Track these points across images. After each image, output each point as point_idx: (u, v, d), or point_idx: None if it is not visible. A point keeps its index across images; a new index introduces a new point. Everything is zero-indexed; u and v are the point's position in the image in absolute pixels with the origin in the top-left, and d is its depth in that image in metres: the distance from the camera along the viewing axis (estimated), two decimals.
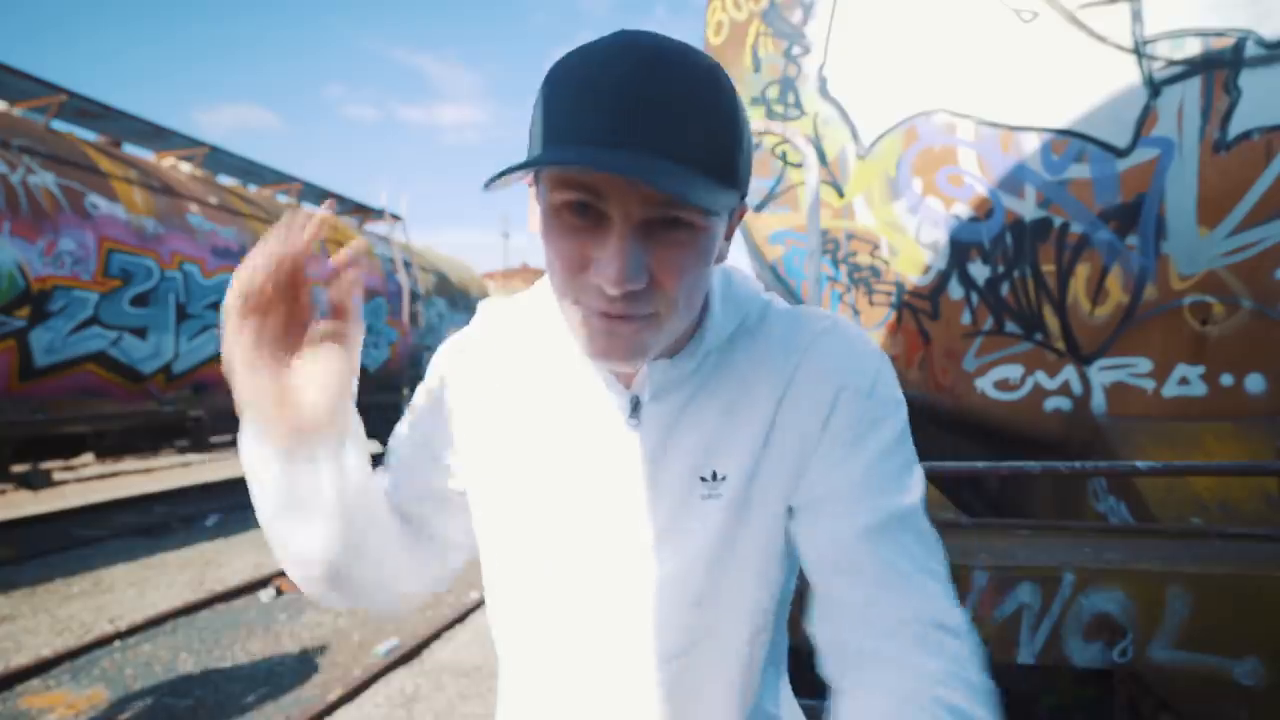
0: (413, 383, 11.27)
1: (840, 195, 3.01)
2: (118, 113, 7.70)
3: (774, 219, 3.09)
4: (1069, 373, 2.78)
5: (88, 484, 10.30)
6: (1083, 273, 2.75)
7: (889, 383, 0.71)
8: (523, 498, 0.74)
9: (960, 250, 2.87)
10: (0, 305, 5.66)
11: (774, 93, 3.05)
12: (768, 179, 3.07)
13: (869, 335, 0.74)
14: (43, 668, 4.08)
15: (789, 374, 0.70)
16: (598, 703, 0.74)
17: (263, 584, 5.63)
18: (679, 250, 0.59)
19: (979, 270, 2.85)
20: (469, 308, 13.38)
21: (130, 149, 8.23)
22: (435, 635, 4.70)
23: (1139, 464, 1.74)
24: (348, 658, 4.36)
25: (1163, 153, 2.64)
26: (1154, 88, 2.65)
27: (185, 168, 8.79)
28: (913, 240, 2.92)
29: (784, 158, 3.06)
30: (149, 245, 6.97)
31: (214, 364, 7.84)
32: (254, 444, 0.67)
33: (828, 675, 0.68)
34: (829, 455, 0.69)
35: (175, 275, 7.20)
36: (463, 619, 5.03)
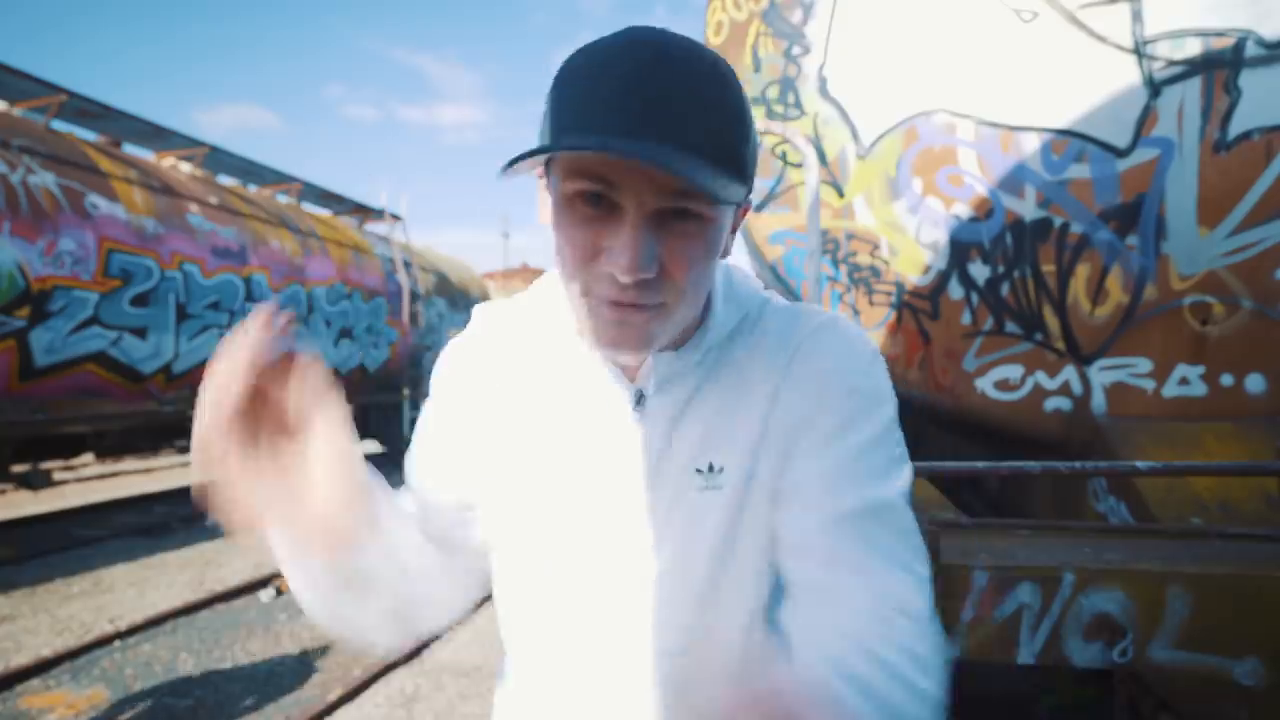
0: (413, 382, 11.28)
1: (840, 195, 3.01)
2: (118, 113, 7.70)
3: (774, 219, 3.09)
4: (1069, 373, 2.78)
5: (88, 484, 10.30)
6: (1083, 273, 2.75)
7: (878, 379, 0.71)
8: (528, 492, 0.74)
9: (960, 250, 2.87)
10: (0, 305, 5.66)
11: (774, 93, 3.05)
12: (768, 179, 3.07)
13: (865, 333, 0.75)
14: (43, 668, 4.08)
15: (784, 368, 0.71)
16: (599, 695, 0.74)
17: (263, 584, 5.63)
18: (689, 241, 0.61)
19: (979, 270, 2.85)
20: (469, 308, 13.36)
21: (130, 149, 8.23)
22: (435, 635, 4.70)
23: (1139, 464, 1.74)
24: (348, 658, 4.36)
25: (1163, 153, 2.64)
26: (1154, 88, 2.65)
27: (185, 168, 8.79)
28: (913, 240, 2.92)
29: (784, 158, 3.06)
30: (149, 245, 6.97)
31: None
32: (287, 553, 0.65)
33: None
34: (811, 446, 0.69)
35: (175, 275, 7.19)
36: (463, 619, 5.02)
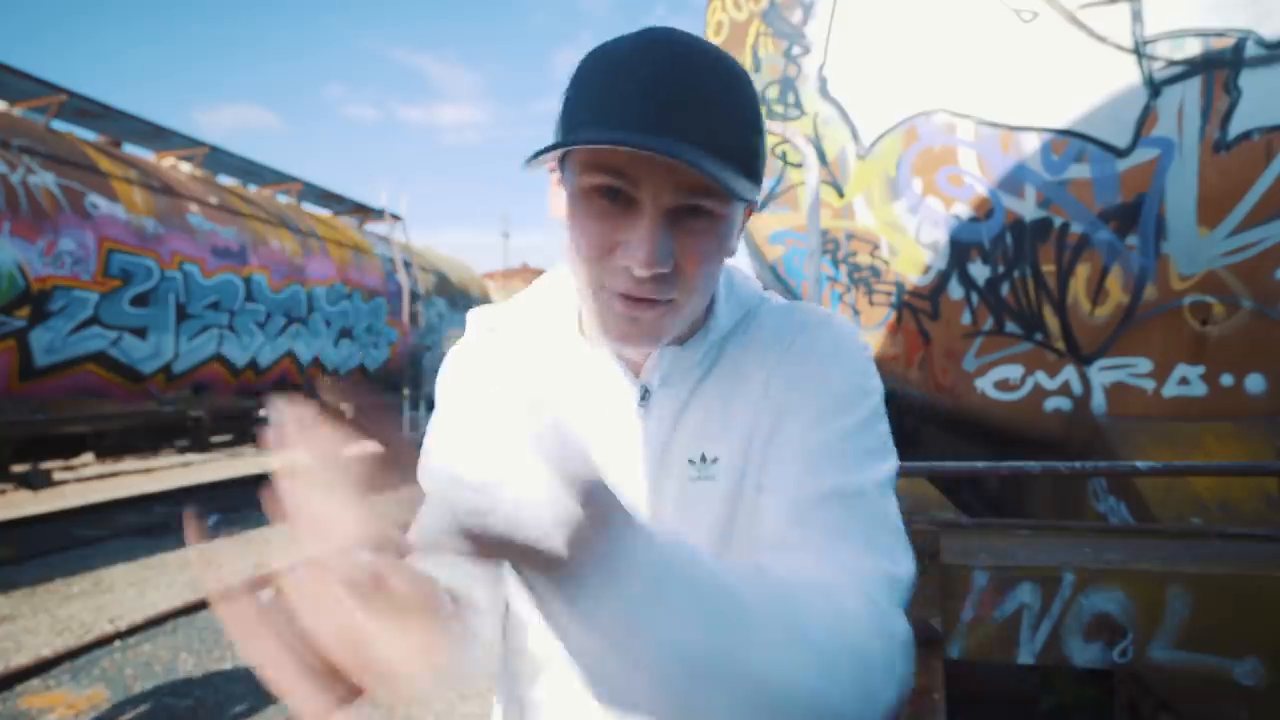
0: (413, 382, 11.28)
1: (840, 195, 3.01)
2: (118, 113, 7.70)
3: (774, 219, 3.09)
4: (1069, 373, 2.78)
5: (88, 484, 10.29)
6: (1083, 273, 2.75)
7: (864, 371, 0.71)
8: None
9: (960, 250, 2.87)
10: (0, 305, 5.66)
11: (774, 93, 3.05)
12: (768, 179, 3.07)
13: (857, 330, 0.76)
14: (43, 668, 4.08)
15: (775, 361, 0.72)
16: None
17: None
18: (702, 238, 0.62)
19: (979, 270, 2.85)
20: (469, 308, 13.37)
21: (130, 149, 8.23)
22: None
23: (1139, 464, 1.74)
24: None
25: (1163, 153, 2.64)
26: (1154, 88, 2.65)
27: (185, 168, 8.79)
28: (913, 240, 2.92)
29: (784, 158, 3.06)
30: (149, 245, 6.97)
31: (213, 364, 7.86)
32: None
33: None
34: (791, 433, 0.69)
35: (175, 275, 7.19)
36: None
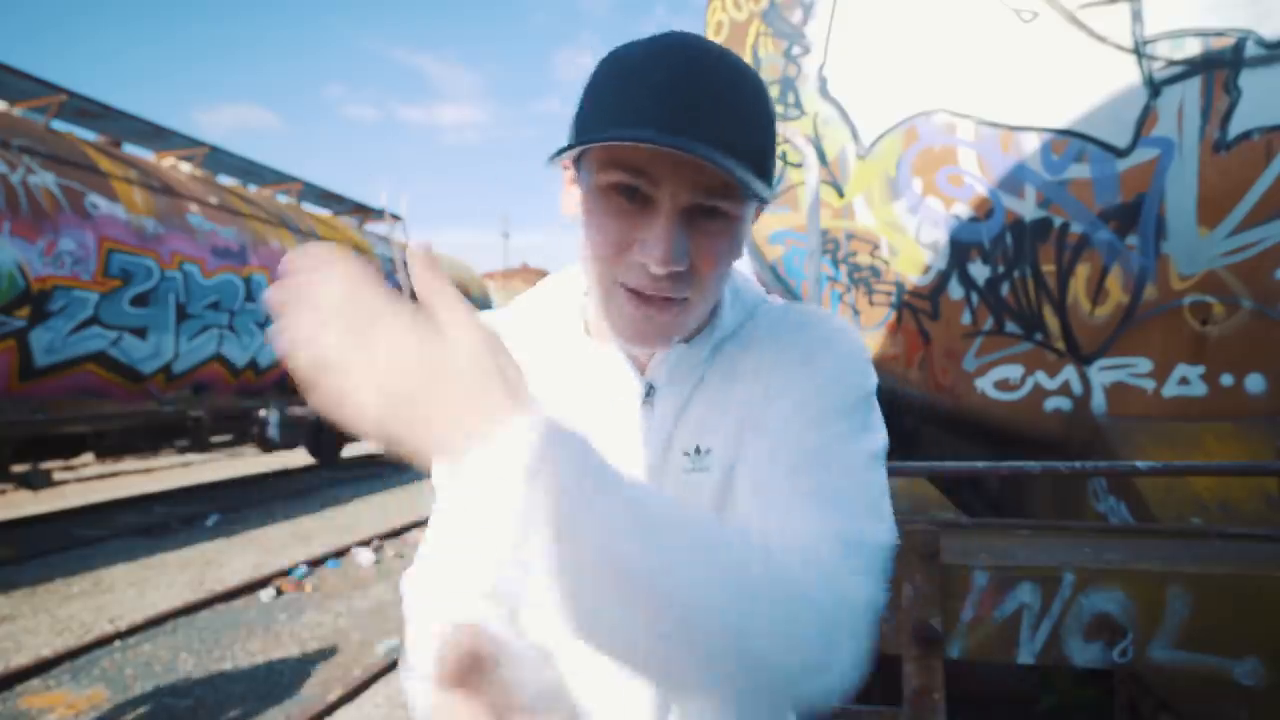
0: None
1: (840, 195, 3.01)
2: (118, 113, 7.71)
3: (774, 219, 3.09)
4: (1069, 373, 2.78)
5: (88, 484, 10.30)
6: (1083, 273, 2.75)
7: (852, 363, 0.71)
8: None
9: (960, 250, 2.87)
10: (0, 305, 5.66)
11: (774, 93, 3.05)
12: None
13: (853, 328, 0.76)
14: (43, 668, 4.08)
15: (769, 355, 0.73)
16: (599, 682, 0.75)
17: (263, 584, 5.63)
18: (716, 238, 0.64)
19: (979, 270, 2.85)
20: None
21: (130, 149, 8.23)
22: None
23: (1139, 464, 1.74)
24: (348, 658, 4.36)
25: (1163, 153, 2.64)
26: (1154, 88, 2.65)
27: (185, 168, 8.79)
28: (913, 240, 2.92)
29: (784, 158, 3.06)
30: (149, 245, 6.97)
31: (213, 364, 7.85)
32: None
33: None
34: (772, 414, 0.69)
35: (175, 275, 7.20)
36: None
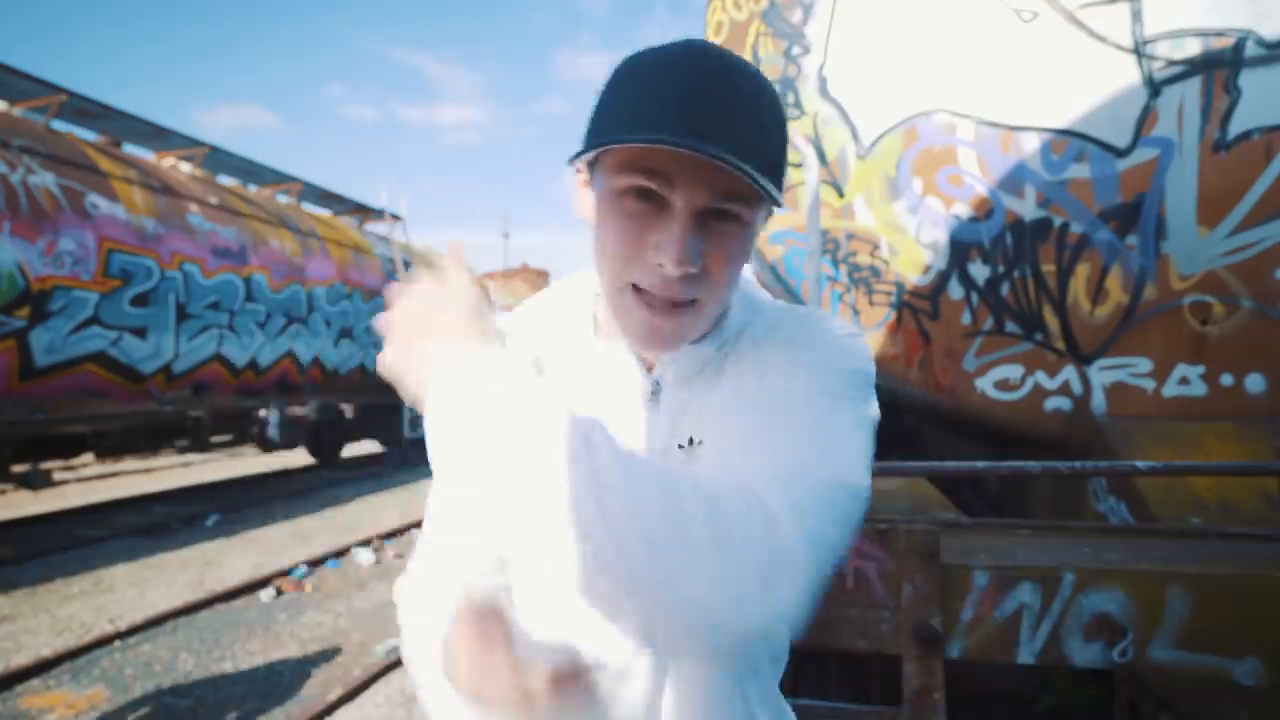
0: None
1: (840, 195, 3.01)
2: (118, 113, 7.70)
3: (774, 219, 3.09)
4: (1069, 373, 2.78)
5: (88, 484, 10.30)
6: (1083, 273, 2.75)
7: (848, 355, 0.71)
8: None
9: (960, 250, 2.86)
10: (0, 305, 5.66)
11: None
12: None
13: (854, 329, 0.76)
14: (43, 668, 4.08)
15: (768, 351, 0.73)
16: (600, 689, 0.75)
17: (263, 584, 5.63)
18: (729, 241, 0.65)
19: (979, 270, 2.85)
20: None
21: (130, 149, 8.23)
22: None
23: (1139, 464, 1.74)
24: (348, 658, 4.36)
25: (1163, 153, 2.64)
26: (1154, 88, 2.64)
27: (185, 168, 8.79)
28: (913, 240, 2.92)
29: None
30: (149, 245, 6.97)
31: (213, 364, 7.85)
32: None
33: None
34: (753, 388, 0.70)
35: (175, 275, 7.19)
36: None
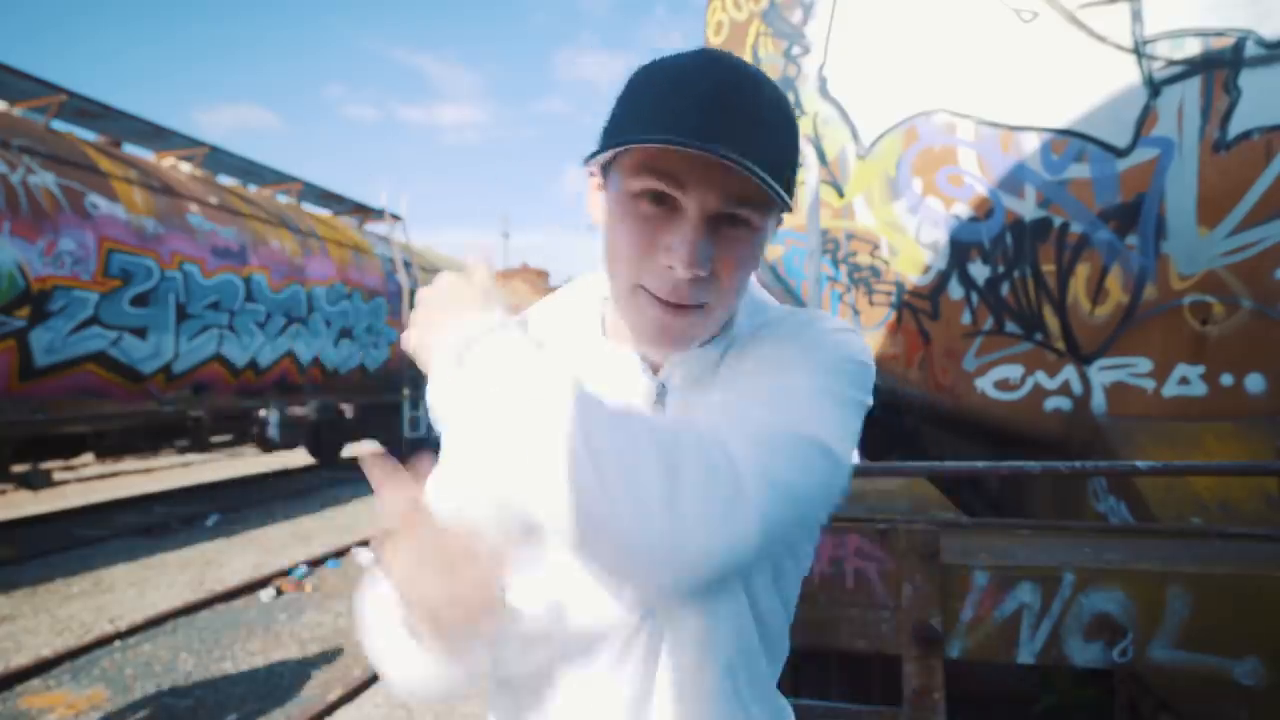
0: (413, 382, 11.27)
1: (840, 195, 3.01)
2: (118, 113, 7.70)
3: None
4: (1069, 373, 2.78)
5: (88, 484, 10.30)
6: (1083, 273, 2.75)
7: (844, 345, 0.71)
8: None
9: (960, 250, 2.86)
10: (0, 305, 5.66)
11: None
12: None
13: (854, 330, 0.76)
14: (43, 668, 4.08)
15: (765, 350, 0.73)
16: (596, 677, 0.75)
17: (263, 584, 5.63)
18: (739, 246, 0.66)
19: (979, 270, 2.85)
20: None
21: (130, 149, 8.22)
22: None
23: (1139, 464, 1.74)
24: (348, 658, 4.36)
25: (1163, 152, 2.64)
26: (1154, 88, 2.64)
27: (185, 168, 8.79)
28: (913, 240, 2.92)
29: None
30: (149, 245, 6.97)
31: (213, 364, 7.86)
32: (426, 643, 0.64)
33: None
34: (743, 374, 0.70)
35: (175, 275, 7.19)
36: None
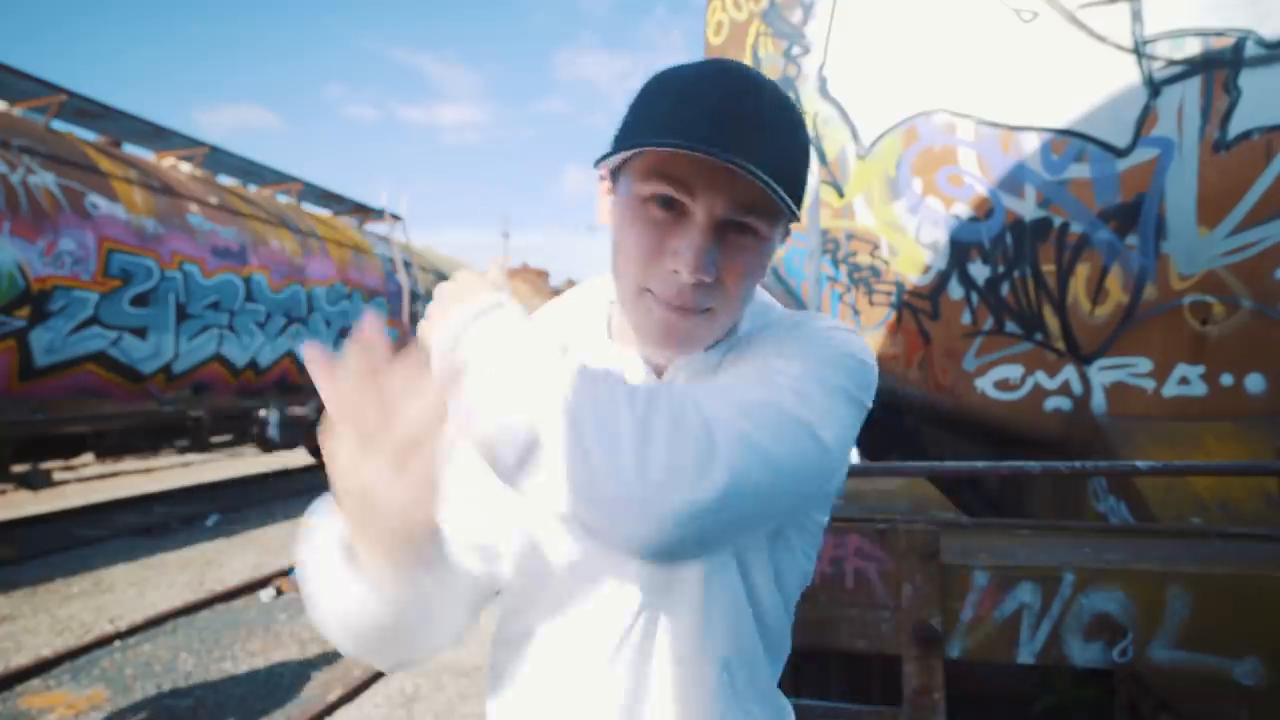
0: None
1: (840, 195, 3.01)
2: (118, 113, 7.69)
3: None
4: (1069, 373, 2.78)
5: (88, 484, 10.30)
6: (1083, 273, 2.75)
7: (842, 343, 0.71)
8: None
9: (960, 250, 2.86)
10: (0, 305, 5.66)
11: None
12: None
13: (854, 331, 0.76)
14: (43, 668, 4.08)
15: (762, 347, 0.73)
16: (585, 677, 0.75)
17: (263, 584, 5.63)
18: (745, 254, 0.66)
19: (979, 270, 2.85)
20: None
21: (130, 149, 8.22)
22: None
23: (1139, 464, 1.74)
24: (348, 658, 4.36)
25: (1163, 152, 2.64)
26: (1154, 87, 2.64)
27: (185, 168, 8.78)
28: (913, 240, 2.92)
29: None
30: (149, 245, 6.97)
31: (213, 364, 7.86)
32: (360, 556, 0.62)
33: None
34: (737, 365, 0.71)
35: (175, 275, 7.19)
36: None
